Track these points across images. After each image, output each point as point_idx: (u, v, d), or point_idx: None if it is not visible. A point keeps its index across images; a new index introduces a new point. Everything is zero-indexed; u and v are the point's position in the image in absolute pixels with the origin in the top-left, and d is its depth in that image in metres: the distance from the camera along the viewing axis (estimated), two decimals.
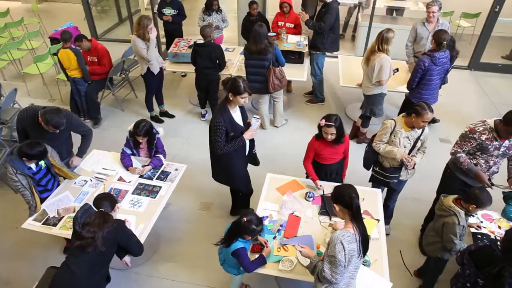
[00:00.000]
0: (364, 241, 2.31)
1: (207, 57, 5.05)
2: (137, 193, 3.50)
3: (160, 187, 3.57)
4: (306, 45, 5.80)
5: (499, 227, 3.22)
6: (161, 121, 5.76)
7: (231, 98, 3.25)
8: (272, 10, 6.97)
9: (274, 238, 2.99)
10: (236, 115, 3.38)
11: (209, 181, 3.89)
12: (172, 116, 5.90)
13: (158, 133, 3.80)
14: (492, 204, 2.88)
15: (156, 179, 3.67)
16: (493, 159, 3.23)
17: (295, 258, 2.83)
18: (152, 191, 3.53)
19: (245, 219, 2.62)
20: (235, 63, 5.79)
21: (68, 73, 5.28)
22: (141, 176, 3.67)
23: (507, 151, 3.17)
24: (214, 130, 3.26)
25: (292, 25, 6.05)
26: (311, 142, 3.50)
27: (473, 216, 3.17)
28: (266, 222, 3.10)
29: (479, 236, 3.15)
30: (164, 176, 3.72)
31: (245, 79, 3.29)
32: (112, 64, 5.60)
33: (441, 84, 5.10)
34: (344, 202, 2.29)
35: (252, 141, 3.66)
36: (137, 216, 3.26)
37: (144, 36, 4.88)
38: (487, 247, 2.57)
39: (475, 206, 2.81)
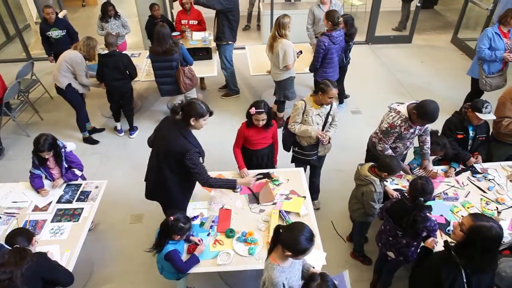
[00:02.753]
0: None
1: (114, 67, 4.76)
2: (57, 220, 3.26)
3: (82, 209, 3.36)
4: (212, 40, 5.81)
5: (408, 181, 3.57)
6: (96, 142, 5.35)
7: (192, 123, 2.88)
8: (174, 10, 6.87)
9: (208, 235, 3.00)
10: None
11: (135, 193, 3.76)
12: (101, 130, 5.58)
13: (66, 147, 3.55)
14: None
15: (76, 201, 3.45)
16: (409, 140, 3.54)
17: (231, 250, 2.87)
18: (73, 215, 3.31)
19: (171, 218, 2.59)
20: (143, 68, 5.62)
21: None
22: (58, 201, 3.43)
23: (419, 131, 3.48)
24: (193, 162, 2.86)
25: (195, 22, 6.01)
26: (241, 129, 3.55)
27: (387, 181, 3.47)
28: (197, 221, 3.10)
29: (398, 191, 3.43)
30: (84, 196, 3.50)
31: (201, 100, 2.98)
32: (6, 87, 5.10)
33: (346, 61, 5.44)
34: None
35: None
36: (61, 244, 3.04)
37: (92, 57, 4.71)
38: (399, 201, 2.85)
39: (387, 174, 3.07)
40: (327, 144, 3.79)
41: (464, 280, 2.17)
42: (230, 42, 5.63)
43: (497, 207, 3.28)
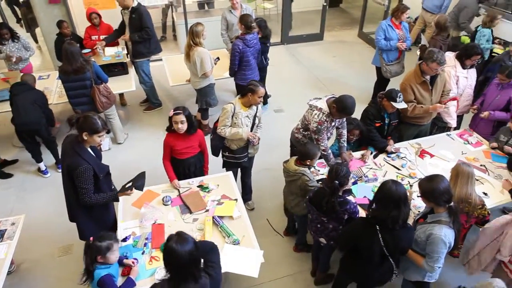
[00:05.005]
0: None
1: (25, 97, 4.32)
2: None
3: None
4: (127, 54, 5.64)
5: None
6: (9, 176, 4.86)
7: (85, 138, 2.78)
8: (81, 26, 6.53)
9: (143, 253, 2.90)
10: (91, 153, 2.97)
11: (61, 222, 3.53)
12: (14, 162, 5.09)
13: None
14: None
15: None
16: (330, 132, 3.72)
17: None
18: None
19: (91, 239, 2.45)
20: (54, 90, 5.28)
21: None
22: None
23: (338, 123, 3.73)
24: (81, 180, 2.77)
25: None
26: (165, 139, 3.50)
27: (314, 167, 3.65)
28: (130, 241, 2.99)
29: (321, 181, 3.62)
30: None
31: (98, 115, 2.87)
32: None
33: (266, 63, 5.60)
34: None
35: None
36: None
37: None
38: (320, 189, 3.01)
39: (310, 160, 3.24)
40: (257, 145, 3.89)
41: (380, 239, 2.51)
42: (148, 59, 5.55)
43: (408, 181, 3.61)
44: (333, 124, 3.60)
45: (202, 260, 2.15)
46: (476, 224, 3.12)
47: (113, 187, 3.19)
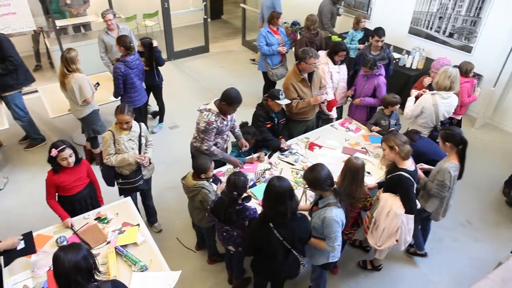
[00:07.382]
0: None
1: None
2: None
3: None
4: None
5: None
6: None
7: None
8: None
9: None
10: None
11: None
12: None
13: None
14: None
15: None
16: (225, 133, 3.84)
17: None
18: None
19: None
20: None
21: None
22: None
23: (231, 122, 3.84)
24: None
25: None
26: (49, 178, 3.22)
27: (213, 178, 3.69)
28: None
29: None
30: None
31: None
32: None
33: (159, 80, 5.47)
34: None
35: None
36: None
37: None
38: (219, 199, 3.06)
39: (204, 173, 3.26)
40: (149, 165, 3.79)
41: (277, 234, 2.60)
42: (20, 91, 5.03)
43: (301, 175, 3.87)
44: (225, 123, 3.71)
45: None
46: (361, 209, 3.46)
47: None
